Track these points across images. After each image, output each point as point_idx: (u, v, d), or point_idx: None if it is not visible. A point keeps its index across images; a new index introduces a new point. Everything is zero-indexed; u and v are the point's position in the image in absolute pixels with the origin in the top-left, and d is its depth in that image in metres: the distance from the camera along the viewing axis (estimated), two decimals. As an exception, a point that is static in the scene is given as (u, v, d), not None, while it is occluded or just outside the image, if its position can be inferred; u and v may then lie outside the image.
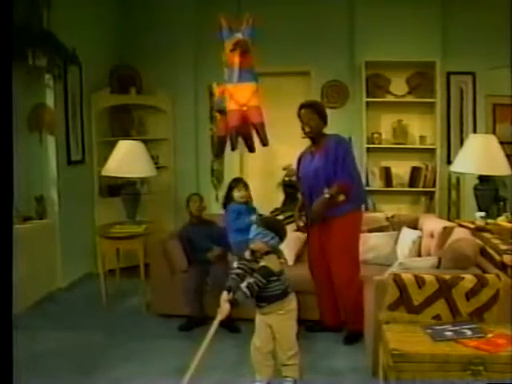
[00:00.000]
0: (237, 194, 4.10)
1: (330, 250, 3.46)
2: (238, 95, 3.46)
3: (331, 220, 3.40)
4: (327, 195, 3.32)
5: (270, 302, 2.73)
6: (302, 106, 3.52)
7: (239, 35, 3.49)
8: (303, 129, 3.51)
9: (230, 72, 3.51)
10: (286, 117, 4.45)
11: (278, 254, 2.82)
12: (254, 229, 2.74)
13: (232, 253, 4.02)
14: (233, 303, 2.61)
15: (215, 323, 2.62)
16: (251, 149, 3.71)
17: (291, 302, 2.80)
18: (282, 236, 2.78)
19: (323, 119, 3.51)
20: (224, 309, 2.61)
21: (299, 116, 3.51)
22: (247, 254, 2.80)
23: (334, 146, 3.41)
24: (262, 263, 2.70)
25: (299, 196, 3.83)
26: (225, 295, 2.64)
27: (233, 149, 3.58)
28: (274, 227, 2.77)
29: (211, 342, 2.56)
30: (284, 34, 5.63)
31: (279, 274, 2.73)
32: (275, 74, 5.40)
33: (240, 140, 3.63)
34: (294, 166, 3.83)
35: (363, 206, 3.95)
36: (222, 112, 3.59)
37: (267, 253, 2.73)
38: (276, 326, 2.76)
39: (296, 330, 2.81)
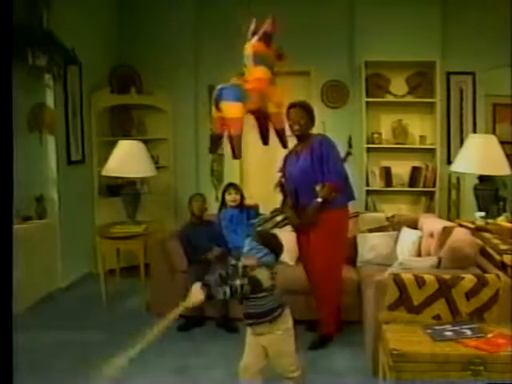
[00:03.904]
0: (227, 197, 4.21)
1: (312, 243, 3.42)
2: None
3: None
4: (320, 199, 3.30)
5: (260, 319, 2.48)
6: (291, 105, 3.54)
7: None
8: (291, 127, 3.52)
9: None
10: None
11: (272, 269, 2.52)
12: (247, 243, 2.54)
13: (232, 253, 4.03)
14: (209, 296, 2.41)
15: (177, 311, 2.49)
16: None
17: (289, 320, 2.57)
18: (277, 253, 2.54)
19: (312, 119, 3.55)
20: (196, 299, 2.41)
21: (287, 115, 3.53)
22: (240, 264, 2.55)
23: (318, 144, 3.42)
24: (252, 274, 2.46)
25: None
26: (198, 286, 2.44)
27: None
28: (270, 243, 2.52)
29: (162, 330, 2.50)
30: (284, 33, 5.60)
31: (270, 289, 2.48)
32: (275, 73, 5.38)
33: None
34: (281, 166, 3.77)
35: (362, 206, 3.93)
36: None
37: (259, 266, 2.48)
38: (273, 347, 2.52)
39: (294, 345, 2.60)
